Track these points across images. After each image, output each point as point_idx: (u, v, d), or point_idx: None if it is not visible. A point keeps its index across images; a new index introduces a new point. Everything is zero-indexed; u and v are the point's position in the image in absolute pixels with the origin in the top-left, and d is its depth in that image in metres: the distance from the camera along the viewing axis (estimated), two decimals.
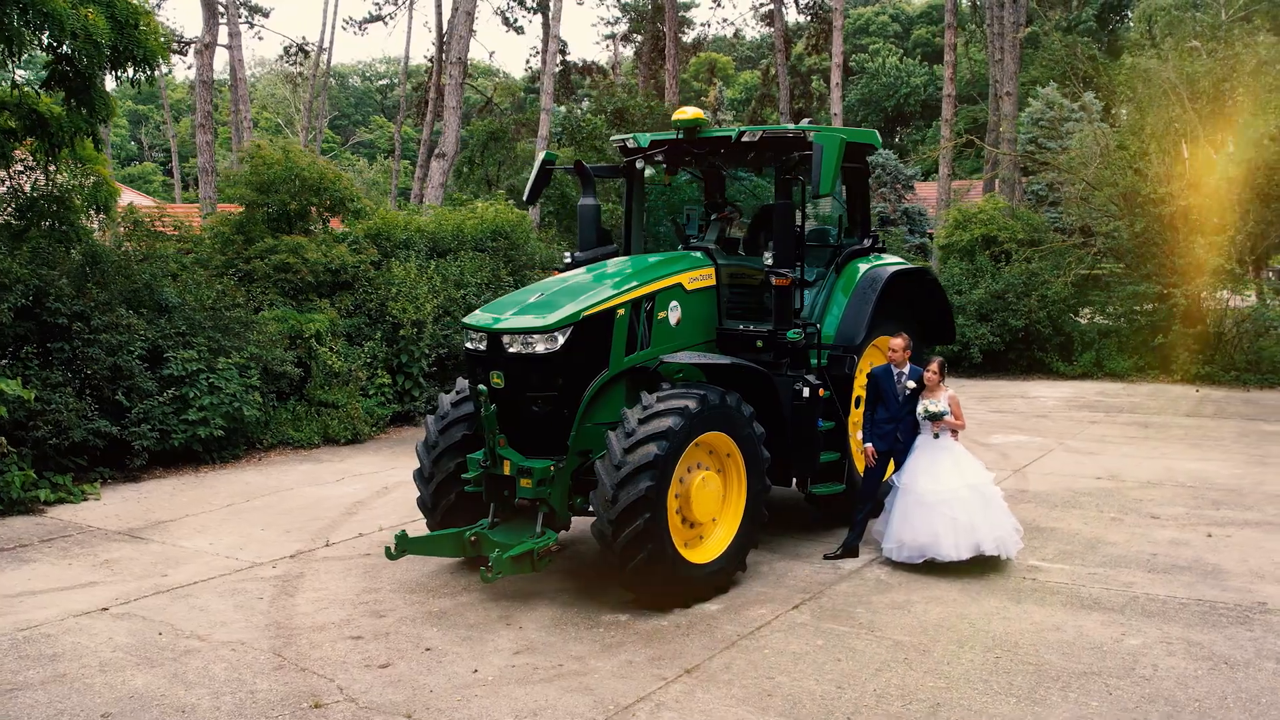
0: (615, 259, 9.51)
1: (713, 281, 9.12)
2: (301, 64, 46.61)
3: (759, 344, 9.01)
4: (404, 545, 7.95)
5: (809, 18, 40.88)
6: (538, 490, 7.76)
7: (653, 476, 7.40)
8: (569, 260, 9.73)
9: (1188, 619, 7.63)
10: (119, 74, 12.32)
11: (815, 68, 41.97)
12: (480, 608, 7.90)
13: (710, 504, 8.05)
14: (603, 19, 79.75)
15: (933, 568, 8.69)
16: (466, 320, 8.20)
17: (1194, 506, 10.81)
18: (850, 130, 10.10)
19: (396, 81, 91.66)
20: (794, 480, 9.42)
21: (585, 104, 24.68)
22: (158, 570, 8.86)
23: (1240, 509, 10.70)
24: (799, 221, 9.21)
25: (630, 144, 9.80)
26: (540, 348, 7.72)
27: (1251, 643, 7.17)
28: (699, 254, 9.23)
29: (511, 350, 7.77)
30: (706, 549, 8.09)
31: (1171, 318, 20.95)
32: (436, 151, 23.33)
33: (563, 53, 50.46)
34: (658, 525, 7.48)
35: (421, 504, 8.77)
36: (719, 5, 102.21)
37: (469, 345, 8.15)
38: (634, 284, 8.35)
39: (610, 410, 8.18)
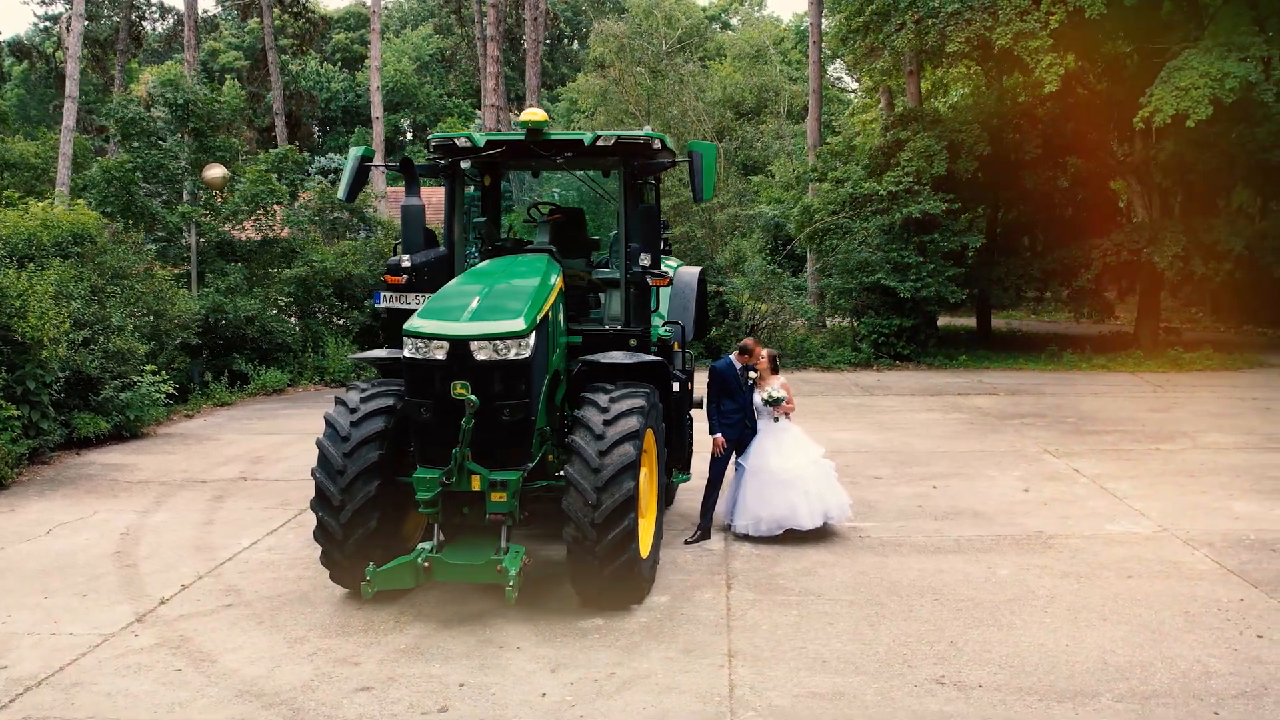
0: (494, 259, 9.13)
1: (562, 284, 9.19)
2: None
3: (632, 342, 9.25)
4: (375, 581, 7.13)
5: (292, 16, 39.45)
6: (510, 503, 7.40)
7: (633, 476, 7.48)
8: (408, 264, 9.13)
9: (1009, 550, 9.40)
10: None
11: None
12: (447, 637, 7.35)
13: (646, 500, 8.24)
14: None
15: (786, 537, 9.65)
16: (413, 328, 7.45)
17: (891, 467, 12.92)
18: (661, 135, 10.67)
19: None
20: None
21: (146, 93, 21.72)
22: None
23: (923, 465, 13.01)
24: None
25: (462, 143, 9.42)
26: (513, 353, 7.37)
27: (1074, 559, 9.09)
28: (546, 256, 9.21)
29: (480, 357, 7.30)
30: (641, 543, 8.25)
31: (721, 313, 23.94)
32: None
33: None
34: (636, 525, 7.57)
35: (326, 536, 7.78)
36: None
37: (413, 355, 7.44)
38: (550, 284, 8.23)
39: (539, 415, 7.98)
